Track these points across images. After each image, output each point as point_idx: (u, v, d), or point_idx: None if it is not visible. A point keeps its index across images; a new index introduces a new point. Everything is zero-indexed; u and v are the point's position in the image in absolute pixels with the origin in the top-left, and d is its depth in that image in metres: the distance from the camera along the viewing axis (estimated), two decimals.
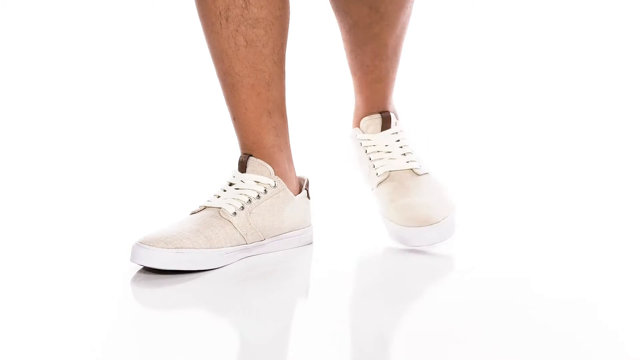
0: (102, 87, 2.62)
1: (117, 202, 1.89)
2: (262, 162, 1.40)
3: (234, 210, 1.36)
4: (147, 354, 0.99)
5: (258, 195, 1.38)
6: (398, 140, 1.49)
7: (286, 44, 1.41)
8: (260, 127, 1.40)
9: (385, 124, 1.49)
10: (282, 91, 1.41)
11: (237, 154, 1.44)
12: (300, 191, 1.45)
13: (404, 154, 1.47)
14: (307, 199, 1.46)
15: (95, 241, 1.53)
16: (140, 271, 1.30)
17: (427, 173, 1.46)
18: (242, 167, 1.40)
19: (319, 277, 1.33)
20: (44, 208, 1.83)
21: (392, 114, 1.50)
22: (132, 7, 2.68)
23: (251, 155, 1.40)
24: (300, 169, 1.50)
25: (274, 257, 1.39)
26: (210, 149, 2.32)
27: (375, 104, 1.51)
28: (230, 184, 1.40)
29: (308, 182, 1.47)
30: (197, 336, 1.03)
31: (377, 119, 1.49)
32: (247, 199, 1.37)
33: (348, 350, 1.00)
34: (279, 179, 1.40)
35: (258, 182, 1.39)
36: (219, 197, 1.38)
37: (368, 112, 1.51)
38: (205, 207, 1.37)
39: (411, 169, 1.46)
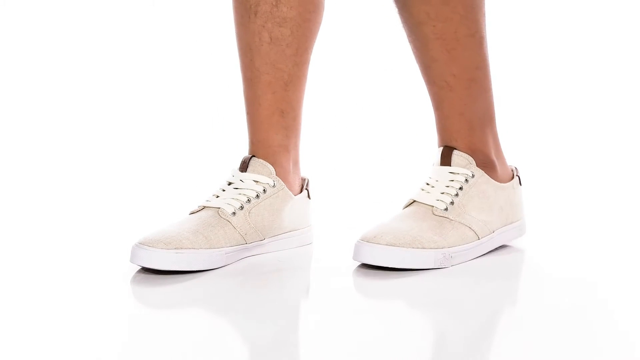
0: (101, 88, 2.62)
1: (116, 202, 1.89)
2: (264, 162, 1.39)
3: (233, 210, 1.35)
4: (147, 354, 0.99)
5: (257, 195, 1.38)
6: (452, 180, 1.36)
7: (312, 47, 1.41)
8: (270, 126, 1.40)
9: (444, 159, 1.37)
10: (299, 93, 1.41)
11: (236, 153, 1.44)
12: (301, 192, 1.45)
13: (443, 193, 1.35)
14: (308, 198, 1.46)
15: (95, 242, 1.53)
16: (139, 271, 1.29)
17: (447, 218, 1.33)
18: (244, 166, 1.40)
19: (319, 277, 1.33)
20: (44, 208, 1.82)
21: (461, 154, 1.37)
22: (132, 7, 2.68)
23: (254, 156, 1.40)
24: (301, 169, 1.49)
25: (274, 257, 1.38)
26: (210, 149, 2.32)
27: (441, 133, 1.39)
28: (229, 184, 1.40)
29: (308, 181, 1.46)
30: (197, 336, 1.03)
31: (439, 153, 1.38)
32: (247, 199, 1.37)
33: (348, 351, 0.99)
34: (279, 179, 1.40)
35: (257, 181, 1.38)
36: (218, 197, 1.38)
37: (439, 142, 1.40)
38: (204, 207, 1.37)
39: (432, 206, 1.34)
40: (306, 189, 1.45)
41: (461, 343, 1.02)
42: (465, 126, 1.37)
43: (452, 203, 1.34)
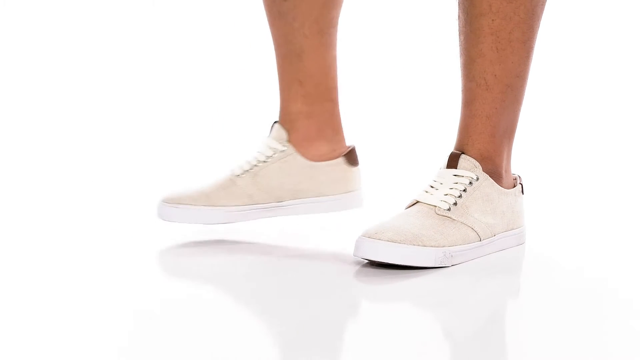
0: (100, 86, 2.62)
1: (120, 203, 1.88)
2: (280, 127, 1.49)
3: (241, 172, 1.46)
4: (149, 351, 0.99)
5: (266, 159, 1.47)
6: (456, 183, 1.36)
7: (325, 16, 1.47)
8: (289, 94, 1.50)
9: (451, 162, 1.37)
10: (319, 62, 1.49)
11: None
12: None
13: (447, 194, 1.35)
14: (346, 165, 1.51)
15: (95, 239, 1.52)
16: (139, 268, 1.31)
17: (450, 217, 1.33)
18: (269, 131, 1.51)
19: (319, 277, 1.33)
20: (42, 209, 1.82)
21: (468, 158, 1.37)
22: (130, 3, 2.68)
23: (277, 122, 1.50)
24: None
25: (273, 257, 1.38)
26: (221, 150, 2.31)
27: (461, 132, 1.39)
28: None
29: (353, 149, 1.53)
30: (195, 336, 1.03)
31: (446, 157, 1.39)
32: (257, 162, 1.47)
33: (349, 350, 0.99)
34: (290, 145, 1.48)
35: (270, 146, 1.48)
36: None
37: (455, 144, 1.40)
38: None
39: (435, 206, 1.35)
40: (343, 156, 1.51)
41: (463, 342, 1.02)
42: (488, 131, 1.38)
43: (455, 204, 1.35)
